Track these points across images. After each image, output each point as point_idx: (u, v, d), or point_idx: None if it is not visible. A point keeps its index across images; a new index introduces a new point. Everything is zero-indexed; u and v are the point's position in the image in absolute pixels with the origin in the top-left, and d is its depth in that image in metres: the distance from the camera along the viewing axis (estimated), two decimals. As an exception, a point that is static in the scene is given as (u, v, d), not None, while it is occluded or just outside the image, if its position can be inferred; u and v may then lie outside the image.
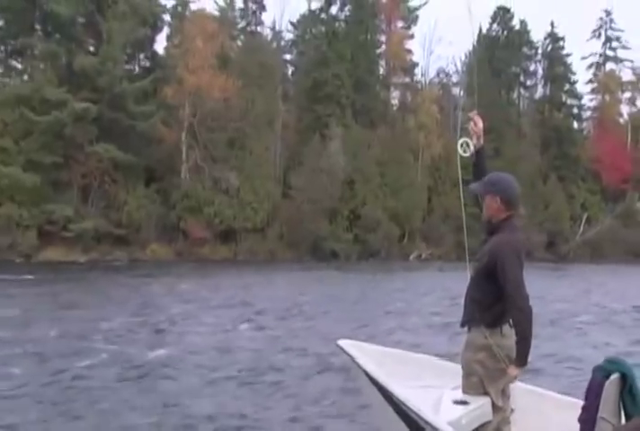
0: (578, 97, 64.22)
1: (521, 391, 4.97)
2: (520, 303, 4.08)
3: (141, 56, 48.41)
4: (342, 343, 5.39)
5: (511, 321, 4.27)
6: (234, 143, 45.95)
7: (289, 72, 59.45)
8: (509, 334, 4.28)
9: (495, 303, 4.21)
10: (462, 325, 4.51)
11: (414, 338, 12.44)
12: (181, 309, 16.50)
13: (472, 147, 4.51)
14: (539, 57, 64.69)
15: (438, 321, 15.22)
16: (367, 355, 5.20)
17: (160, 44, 58.64)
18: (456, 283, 4.45)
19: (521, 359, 4.19)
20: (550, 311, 16.77)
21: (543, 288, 23.09)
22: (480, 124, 4.52)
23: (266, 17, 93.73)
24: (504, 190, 4.26)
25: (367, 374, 4.93)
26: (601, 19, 66.64)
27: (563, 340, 12.83)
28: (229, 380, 9.00)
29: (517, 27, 63.18)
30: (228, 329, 13.64)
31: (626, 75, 66.34)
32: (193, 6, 50.10)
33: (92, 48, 43.85)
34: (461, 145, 4.44)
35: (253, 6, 55.86)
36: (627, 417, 4.17)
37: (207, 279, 27.57)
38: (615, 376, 4.18)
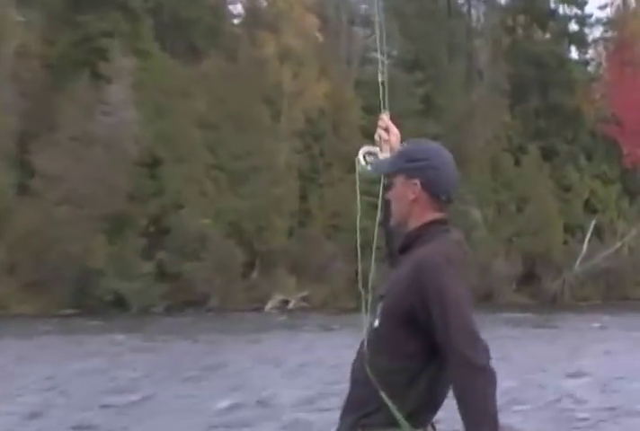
0: (578, 2, 66.53)
1: None
2: (475, 358, 3.91)
3: None
4: None
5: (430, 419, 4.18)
6: None
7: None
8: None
9: (419, 374, 4.12)
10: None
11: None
12: None
13: None
14: None
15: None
16: None
17: None
18: (351, 353, 4.22)
19: None
20: (513, 399, 17.61)
21: (509, 359, 23.67)
22: (394, 130, 4.85)
23: None
24: (430, 171, 4.30)
25: None
26: None
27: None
28: None
29: None
30: None
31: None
32: None
33: None
34: (364, 157, 4.75)
35: None
36: None
37: None
38: None
